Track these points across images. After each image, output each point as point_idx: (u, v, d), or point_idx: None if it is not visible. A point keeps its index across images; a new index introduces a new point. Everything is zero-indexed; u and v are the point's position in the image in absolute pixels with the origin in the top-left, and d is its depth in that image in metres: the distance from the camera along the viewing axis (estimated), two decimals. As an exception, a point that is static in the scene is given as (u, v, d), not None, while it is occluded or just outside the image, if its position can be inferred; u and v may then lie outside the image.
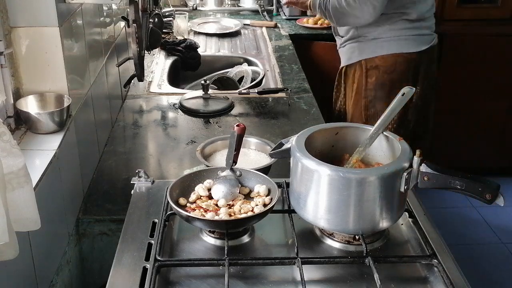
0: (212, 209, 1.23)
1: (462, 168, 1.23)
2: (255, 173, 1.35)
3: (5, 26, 1.40)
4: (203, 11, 3.80)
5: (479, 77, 3.33)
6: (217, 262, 1.14)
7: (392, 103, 1.28)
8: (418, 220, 1.29)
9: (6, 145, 0.99)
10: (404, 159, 1.16)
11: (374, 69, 2.38)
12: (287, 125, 2.09)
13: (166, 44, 2.87)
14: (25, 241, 1.20)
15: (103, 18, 1.95)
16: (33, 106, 1.48)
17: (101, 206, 1.60)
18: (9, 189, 1.01)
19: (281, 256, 1.19)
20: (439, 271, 1.13)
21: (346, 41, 2.46)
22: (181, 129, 2.10)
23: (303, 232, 1.27)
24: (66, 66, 1.49)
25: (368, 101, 2.42)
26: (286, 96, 2.33)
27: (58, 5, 1.43)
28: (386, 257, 1.17)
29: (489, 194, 1.10)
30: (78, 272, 1.57)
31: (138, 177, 1.46)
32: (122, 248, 1.21)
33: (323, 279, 1.15)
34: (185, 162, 1.82)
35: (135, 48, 1.92)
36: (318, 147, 1.29)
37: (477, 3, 3.38)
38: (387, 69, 2.36)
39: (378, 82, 2.38)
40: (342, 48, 2.51)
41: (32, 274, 1.26)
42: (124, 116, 2.18)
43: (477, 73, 3.32)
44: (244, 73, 2.65)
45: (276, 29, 3.43)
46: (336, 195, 1.15)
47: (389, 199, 1.16)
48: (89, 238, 1.56)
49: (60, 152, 1.42)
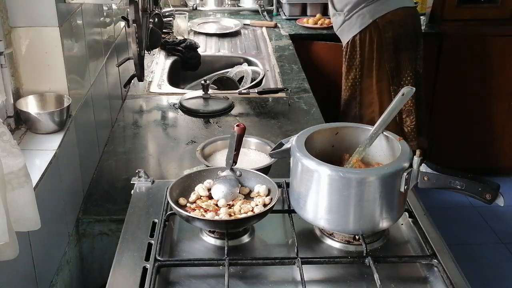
0: (212, 209, 1.23)
1: (462, 168, 1.23)
2: (255, 173, 1.35)
3: (5, 26, 1.40)
4: (203, 11, 3.80)
5: (479, 77, 3.33)
6: (217, 262, 1.14)
7: (392, 103, 1.28)
8: (418, 220, 1.29)
9: (6, 145, 0.99)
10: (404, 159, 1.16)
11: (389, 24, 2.65)
12: (287, 125, 2.09)
13: (166, 44, 2.87)
14: (25, 241, 1.20)
15: (103, 18, 1.95)
16: (33, 106, 1.48)
17: (101, 206, 1.60)
18: (9, 189, 1.01)
19: (281, 256, 1.19)
20: (439, 271, 1.13)
21: (352, 11, 2.66)
22: (181, 129, 2.10)
23: (303, 232, 1.27)
24: (66, 66, 1.49)
25: (389, 55, 2.68)
26: (286, 96, 2.33)
27: (58, 5, 1.43)
28: (386, 257, 1.17)
29: (489, 194, 1.10)
30: (78, 272, 1.57)
31: (138, 177, 1.46)
32: (122, 248, 1.21)
33: (323, 279, 1.15)
34: (185, 162, 1.81)
35: (135, 48, 1.92)
36: (318, 147, 1.29)
37: (477, 3, 3.38)
38: (400, 22, 2.67)
39: (394, 34, 2.67)
40: (348, 20, 2.68)
41: (32, 274, 1.26)
42: (124, 116, 2.18)
43: (477, 73, 3.32)
44: (244, 73, 2.65)
45: (276, 29, 3.43)
46: (336, 195, 1.15)
47: (389, 199, 1.16)
48: (89, 238, 1.56)
49: (60, 152, 1.42)
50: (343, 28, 2.75)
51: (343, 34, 2.78)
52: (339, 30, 2.80)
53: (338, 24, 2.77)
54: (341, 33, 2.80)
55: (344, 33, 2.77)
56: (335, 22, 2.80)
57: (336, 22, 2.79)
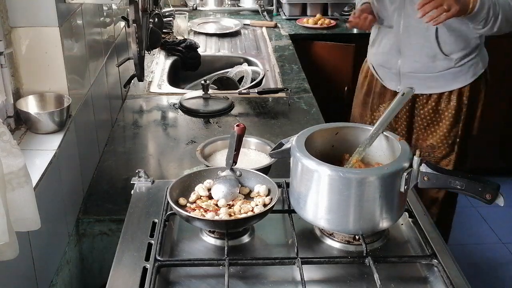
0: (212, 209, 1.23)
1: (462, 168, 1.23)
2: (255, 173, 1.35)
3: (5, 26, 1.40)
4: (203, 11, 3.80)
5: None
6: (217, 262, 1.14)
7: (392, 103, 1.28)
8: (418, 220, 1.29)
9: (6, 145, 0.99)
10: (404, 159, 1.16)
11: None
12: (287, 125, 2.09)
13: (166, 44, 2.87)
14: (25, 241, 1.20)
15: (103, 18, 1.95)
16: (33, 106, 1.48)
17: (101, 206, 1.60)
18: (9, 189, 1.01)
19: (281, 256, 1.19)
20: (439, 271, 1.13)
21: (464, 57, 2.11)
22: (181, 129, 2.10)
23: (303, 232, 1.27)
24: (66, 66, 1.49)
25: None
26: (286, 96, 2.33)
27: (58, 5, 1.43)
28: (386, 257, 1.17)
29: (489, 194, 1.10)
30: (78, 272, 1.57)
31: (138, 177, 1.46)
32: (122, 248, 1.21)
33: (323, 279, 1.15)
34: (185, 162, 1.82)
35: (135, 48, 1.92)
36: (318, 147, 1.29)
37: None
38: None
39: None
40: (457, 68, 2.12)
41: (32, 274, 1.26)
42: (124, 116, 2.18)
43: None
44: (244, 73, 2.65)
45: (276, 29, 3.43)
46: (336, 195, 1.15)
47: (389, 199, 1.16)
48: (89, 238, 1.56)
49: (60, 152, 1.42)
50: (446, 75, 2.14)
51: (442, 80, 2.16)
52: (439, 75, 2.15)
53: (438, 69, 2.13)
54: (439, 79, 2.16)
55: (445, 80, 2.16)
56: (434, 65, 2.13)
57: (436, 66, 2.13)
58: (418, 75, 2.16)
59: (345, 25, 3.34)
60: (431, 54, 2.11)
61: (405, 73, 2.18)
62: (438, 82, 2.16)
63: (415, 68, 2.15)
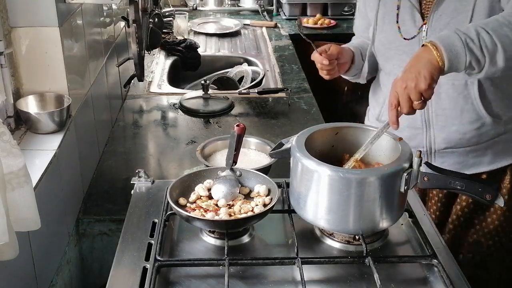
0: (212, 209, 1.23)
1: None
2: (255, 173, 1.35)
3: (5, 26, 1.40)
4: (203, 11, 3.81)
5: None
6: (217, 262, 1.14)
7: None
8: (418, 220, 1.29)
9: (6, 145, 0.99)
10: (404, 159, 1.16)
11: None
12: (287, 125, 2.09)
13: (166, 44, 2.87)
14: (25, 241, 1.20)
15: (103, 18, 1.95)
16: (33, 106, 1.48)
17: (101, 206, 1.60)
18: (9, 189, 1.01)
19: (281, 256, 1.19)
20: (439, 271, 1.13)
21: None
22: (181, 129, 2.10)
23: (303, 232, 1.26)
24: (66, 66, 1.49)
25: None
26: (286, 96, 2.34)
27: (58, 5, 1.43)
28: (386, 257, 1.17)
29: (489, 194, 1.10)
30: (78, 272, 1.57)
31: (138, 177, 1.46)
32: (122, 248, 1.21)
33: (323, 279, 1.15)
34: (185, 162, 1.82)
35: (135, 48, 1.92)
36: (318, 147, 1.29)
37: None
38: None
39: None
40: (505, 135, 1.57)
41: (32, 274, 1.26)
42: (124, 116, 2.18)
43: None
44: (244, 73, 2.65)
45: (276, 29, 3.44)
46: (336, 195, 1.15)
47: (389, 199, 1.16)
48: (89, 238, 1.56)
49: (60, 152, 1.42)
50: (497, 142, 1.56)
51: (491, 154, 1.58)
52: (487, 143, 1.55)
53: (487, 135, 1.54)
54: (487, 152, 1.57)
55: (494, 149, 1.57)
56: (479, 131, 1.53)
57: (482, 132, 1.53)
58: (458, 150, 1.58)
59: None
60: (475, 117, 1.52)
61: (439, 150, 1.59)
62: (485, 156, 1.58)
63: (453, 141, 1.57)
